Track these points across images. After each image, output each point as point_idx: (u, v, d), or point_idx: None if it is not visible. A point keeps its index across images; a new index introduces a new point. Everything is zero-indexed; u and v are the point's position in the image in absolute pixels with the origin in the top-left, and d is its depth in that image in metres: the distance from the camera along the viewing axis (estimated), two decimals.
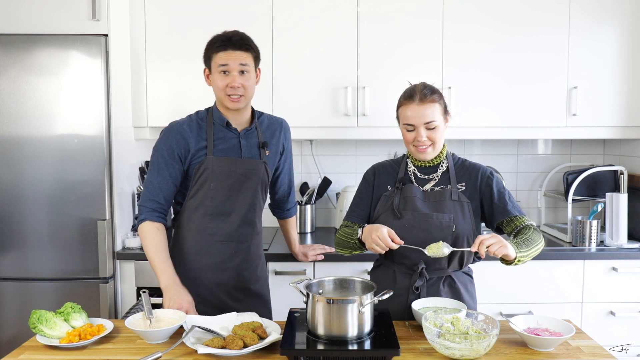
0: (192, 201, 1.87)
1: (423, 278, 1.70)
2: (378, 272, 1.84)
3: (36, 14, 2.38)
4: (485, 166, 1.81)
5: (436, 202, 1.72)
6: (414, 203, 1.72)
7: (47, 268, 2.40)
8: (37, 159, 2.37)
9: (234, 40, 1.78)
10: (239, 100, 1.81)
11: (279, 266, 2.41)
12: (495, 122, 2.67)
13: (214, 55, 1.80)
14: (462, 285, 1.76)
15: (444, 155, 1.78)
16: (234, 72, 1.78)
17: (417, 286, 1.69)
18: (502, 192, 1.75)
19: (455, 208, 1.71)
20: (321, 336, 1.43)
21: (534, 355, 1.43)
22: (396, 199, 1.74)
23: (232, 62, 1.77)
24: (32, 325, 1.50)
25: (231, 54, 1.77)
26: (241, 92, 1.80)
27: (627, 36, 2.64)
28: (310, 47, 2.63)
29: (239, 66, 1.78)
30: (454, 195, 1.73)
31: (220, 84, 1.79)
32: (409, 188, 1.75)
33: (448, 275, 1.74)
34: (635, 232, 2.67)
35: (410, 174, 1.80)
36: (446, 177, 1.77)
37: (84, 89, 2.37)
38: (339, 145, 3.06)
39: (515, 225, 1.71)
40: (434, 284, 1.73)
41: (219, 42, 1.79)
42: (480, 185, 1.75)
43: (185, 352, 1.44)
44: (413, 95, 1.69)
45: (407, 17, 2.62)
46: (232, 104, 1.81)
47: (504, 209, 1.72)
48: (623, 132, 2.69)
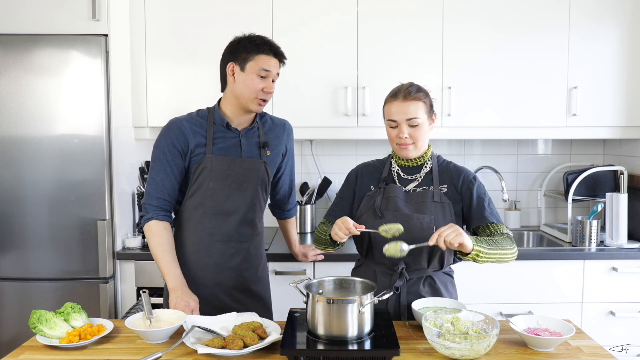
0: (191, 200, 1.87)
1: (403, 278, 1.71)
2: (360, 272, 1.85)
3: (36, 14, 2.38)
4: (469, 170, 1.81)
5: (418, 203, 1.73)
6: (395, 203, 1.73)
7: (47, 268, 2.40)
8: (37, 159, 2.37)
9: (279, 51, 1.84)
10: (264, 104, 1.85)
11: (279, 266, 2.41)
12: (495, 122, 2.67)
13: (257, 56, 1.79)
14: (443, 285, 1.77)
15: (428, 156, 1.79)
16: (272, 78, 1.82)
17: (397, 286, 1.71)
18: (481, 198, 1.75)
19: (437, 209, 1.71)
20: (321, 336, 1.43)
21: (534, 355, 1.43)
22: (378, 198, 1.76)
23: (274, 70, 1.82)
24: (32, 325, 1.50)
25: (273, 61, 1.82)
26: (269, 98, 1.84)
27: (627, 36, 2.64)
28: (311, 47, 2.63)
29: (275, 75, 1.84)
30: (436, 196, 1.73)
31: (257, 85, 1.79)
32: (391, 188, 1.76)
33: (428, 276, 1.75)
34: (635, 232, 2.67)
35: (394, 173, 1.81)
36: (429, 178, 1.77)
37: (84, 89, 2.37)
38: (339, 145, 3.06)
39: (490, 231, 1.72)
40: (415, 284, 1.74)
41: (266, 46, 1.80)
42: (461, 188, 1.76)
43: (185, 352, 1.44)
44: (397, 93, 1.72)
45: (407, 17, 2.62)
46: (258, 107, 1.84)
47: (481, 215, 1.72)
48: (623, 132, 2.69)
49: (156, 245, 1.79)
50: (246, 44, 1.81)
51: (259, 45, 1.80)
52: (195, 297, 1.74)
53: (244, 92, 1.81)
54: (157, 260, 1.79)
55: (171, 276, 1.76)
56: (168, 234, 1.81)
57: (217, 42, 1.90)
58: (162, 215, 1.82)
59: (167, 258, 1.78)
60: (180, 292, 1.72)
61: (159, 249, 1.78)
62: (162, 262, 1.78)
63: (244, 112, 1.86)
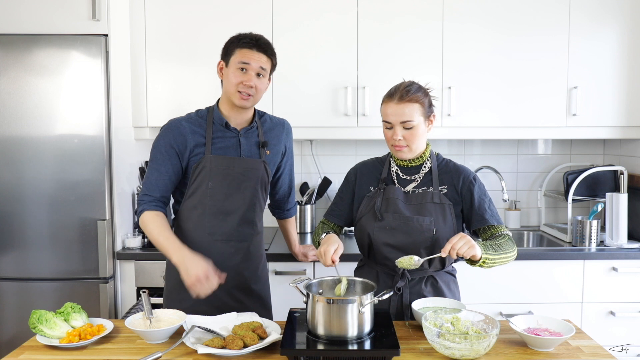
0: (190, 200, 1.87)
1: (405, 279, 1.71)
2: (362, 272, 1.85)
3: (36, 14, 2.37)
4: (469, 169, 1.79)
5: (417, 204, 1.72)
6: (395, 205, 1.72)
7: (47, 268, 2.40)
8: (37, 159, 2.37)
9: (260, 43, 1.82)
10: (247, 99, 1.81)
11: (279, 266, 2.41)
12: (495, 122, 2.67)
13: (236, 50, 1.80)
14: (445, 284, 1.77)
15: (427, 156, 1.77)
16: (252, 72, 1.80)
17: (399, 287, 1.71)
18: (482, 199, 1.73)
19: (437, 211, 1.71)
20: (321, 336, 1.43)
21: (534, 355, 1.43)
22: (378, 200, 1.75)
23: (253, 62, 1.80)
24: (32, 325, 1.50)
25: (255, 54, 1.80)
26: (252, 93, 1.81)
27: (627, 36, 2.64)
28: (311, 47, 2.63)
29: (258, 68, 1.81)
30: (436, 197, 1.72)
31: (235, 80, 1.79)
32: (391, 189, 1.75)
33: (430, 275, 1.75)
34: (635, 232, 2.67)
35: (393, 174, 1.80)
36: (429, 178, 1.76)
37: (84, 89, 2.37)
38: (339, 145, 3.06)
39: (491, 233, 1.72)
40: (417, 284, 1.74)
41: (246, 39, 1.81)
42: (461, 189, 1.74)
43: (185, 352, 1.44)
44: (394, 93, 1.70)
45: (407, 17, 2.62)
46: (240, 101, 1.81)
47: (482, 217, 1.72)
48: (623, 132, 2.69)
49: (152, 229, 1.77)
50: (232, 40, 1.84)
51: (240, 39, 1.81)
52: (203, 262, 1.64)
53: (227, 87, 1.83)
54: (155, 241, 1.76)
55: (173, 249, 1.71)
56: (162, 219, 1.80)
57: (217, 42, 1.90)
58: (154, 206, 1.82)
59: (163, 236, 1.75)
60: (188, 263, 1.64)
61: (155, 231, 1.76)
62: (160, 240, 1.74)
63: (236, 109, 1.86)
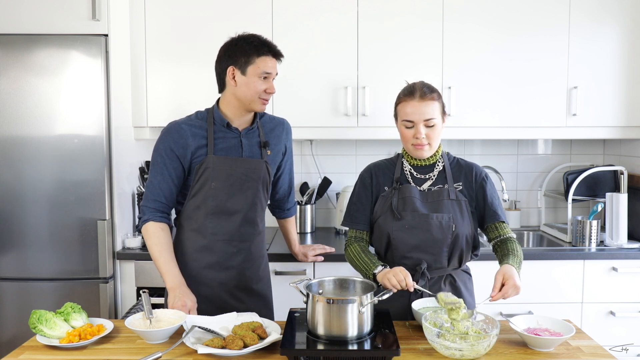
0: (193, 200, 1.87)
1: (425, 278, 1.71)
2: None
3: (36, 14, 2.37)
4: (479, 166, 1.82)
5: (434, 201, 1.73)
6: (412, 203, 1.73)
7: (47, 268, 2.40)
8: (37, 159, 2.37)
9: (276, 50, 1.84)
10: (267, 103, 1.86)
11: (279, 266, 2.41)
12: (495, 122, 2.67)
13: (257, 58, 1.79)
14: (462, 283, 1.79)
15: (440, 155, 1.80)
16: (272, 79, 1.84)
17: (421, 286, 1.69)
18: (493, 196, 1.78)
19: (454, 207, 1.72)
20: (321, 336, 1.43)
21: (534, 355, 1.43)
22: (395, 199, 1.75)
23: (274, 71, 1.84)
24: (32, 325, 1.50)
25: (274, 62, 1.83)
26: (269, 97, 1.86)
27: (627, 36, 2.64)
28: (310, 47, 2.63)
29: (275, 74, 1.85)
30: (452, 194, 1.73)
31: (259, 88, 1.81)
32: (406, 188, 1.75)
33: (449, 274, 1.76)
34: (635, 232, 2.67)
35: (406, 173, 1.80)
36: (442, 176, 1.78)
37: (84, 89, 2.37)
38: (339, 145, 3.06)
39: (499, 233, 1.76)
40: (436, 283, 1.74)
41: (265, 47, 1.81)
42: (475, 185, 1.77)
43: (185, 352, 1.44)
44: (413, 92, 1.70)
45: (407, 17, 2.62)
46: (262, 107, 1.86)
47: (495, 213, 1.76)
48: (623, 132, 2.69)
49: (153, 245, 1.80)
50: (244, 46, 1.80)
51: (258, 48, 1.79)
52: (193, 296, 1.74)
53: (246, 94, 1.81)
54: (155, 260, 1.80)
55: (169, 276, 1.77)
56: (165, 234, 1.82)
57: (217, 42, 1.89)
58: (159, 216, 1.83)
59: (164, 258, 1.79)
60: (179, 292, 1.72)
61: (156, 249, 1.79)
62: (160, 262, 1.79)
63: (246, 112, 1.87)
